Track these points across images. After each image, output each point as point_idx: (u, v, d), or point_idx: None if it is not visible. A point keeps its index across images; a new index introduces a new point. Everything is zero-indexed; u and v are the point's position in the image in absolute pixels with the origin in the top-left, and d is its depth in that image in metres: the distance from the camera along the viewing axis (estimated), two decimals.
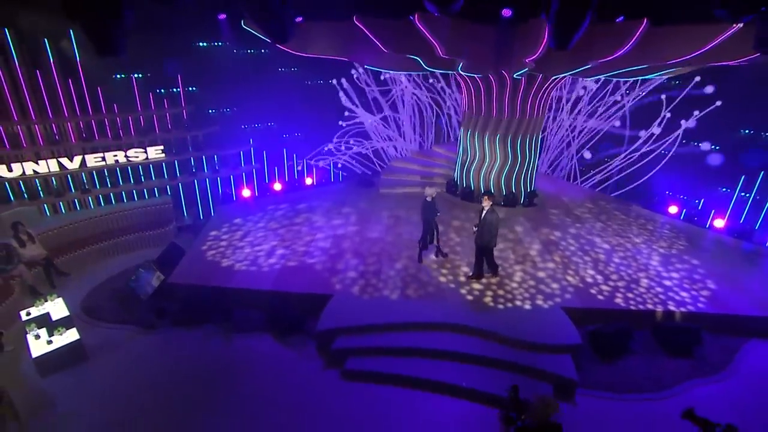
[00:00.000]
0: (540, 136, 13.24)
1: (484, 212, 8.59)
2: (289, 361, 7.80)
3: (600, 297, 8.88)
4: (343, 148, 17.25)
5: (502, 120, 12.49)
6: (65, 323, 7.90)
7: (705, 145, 14.63)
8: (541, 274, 9.63)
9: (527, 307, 8.50)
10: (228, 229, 11.62)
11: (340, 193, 14.27)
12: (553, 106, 16.91)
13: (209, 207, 13.60)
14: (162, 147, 13.18)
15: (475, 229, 8.75)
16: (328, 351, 7.77)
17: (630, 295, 9.02)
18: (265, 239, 10.80)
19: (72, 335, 7.84)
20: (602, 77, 11.70)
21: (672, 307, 8.72)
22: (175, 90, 13.66)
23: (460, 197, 13.56)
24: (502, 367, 7.41)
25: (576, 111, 16.85)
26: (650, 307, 8.68)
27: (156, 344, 8.39)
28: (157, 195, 13.44)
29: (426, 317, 8.08)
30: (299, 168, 14.95)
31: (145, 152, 13.05)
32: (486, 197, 8.58)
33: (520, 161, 12.99)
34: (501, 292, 8.88)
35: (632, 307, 8.63)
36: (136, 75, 12.81)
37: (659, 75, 11.28)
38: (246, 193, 13.77)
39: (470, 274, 9.19)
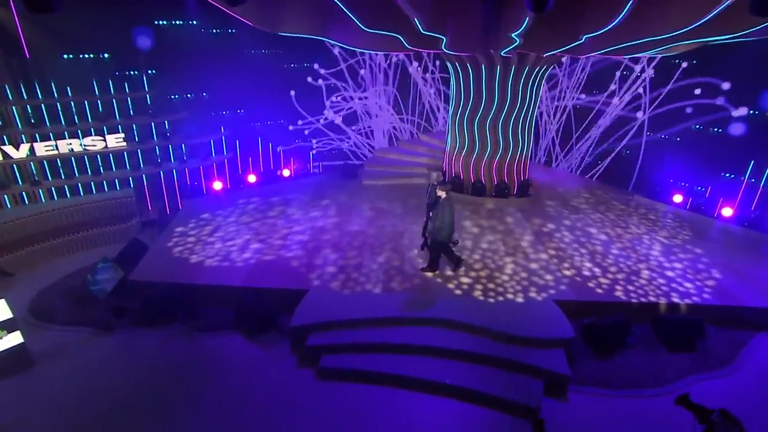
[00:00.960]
0: (533, 122, 13.34)
1: (440, 203, 8.51)
2: (260, 360, 7.75)
3: (599, 290, 8.96)
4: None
5: (493, 105, 12.60)
6: (7, 326, 7.73)
7: (741, 111, 14.08)
8: (534, 266, 9.74)
9: (520, 300, 8.58)
10: (196, 224, 11.61)
11: (320, 185, 14.40)
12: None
13: (177, 200, 13.49)
14: (123, 135, 13.05)
15: (426, 219, 8.68)
16: (302, 348, 7.76)
17: (630, 287, 9.10)
18: (238, 233, 10.88)
19: (14, 339, 7.68)
20: (596, 54, 11.78)
21: (676, 299, 8.81)
22: (136, 73, 13.51)
23: (450, 188, 13.24)
24: (490, 362, 7.43)
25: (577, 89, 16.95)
26: (652, 299, 8.76)
27: (114, 346, 8.28)
28: (118, 187, 13.33)
29: (409, 312, 8.12)
30: (281, 149, 14.87)
31: (104, 140, 12.91)
32: (440, 186, 8.54)
33: (512, 149, 13.10)
34: (491, 285, 8.96)
35: (633, 300, 8.72)
36: (90, 55, 12.67)
37: (656, 52, 11.41)
38: (217, 185, 13.73)
39: (423, 266, 9.20)
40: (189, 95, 15.42)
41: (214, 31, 15.20)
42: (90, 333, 8.62)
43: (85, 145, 12.61)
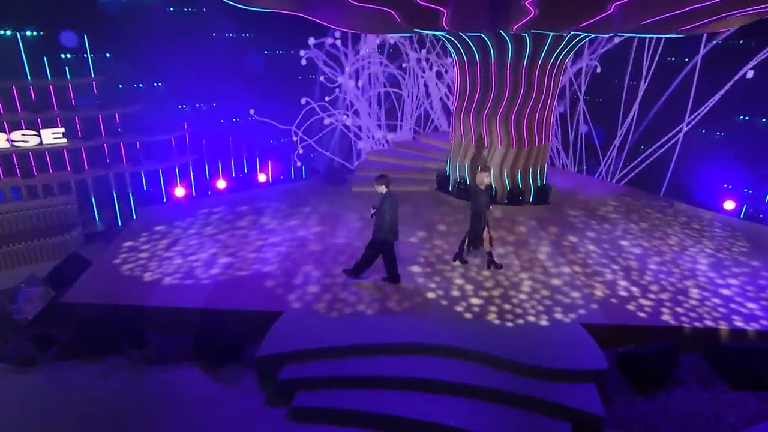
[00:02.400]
0: (551, 117, 13.12)
1: (380, 200, 8.74)
2: (221, 398, 7.28)
3: (641, 314, 8.61)
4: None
5: (504, 97, 12.36)
6: None
7: None
8: (556, 282, 9.47)
9: (543, 322, 8.24)
10: (149, 237, 11.32)
11: (303, 191, 14.26)
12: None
13: (130, 209, 13.18)
14: (62, 130, 12.58)
15: (372, 211, 8.87)
16: (272, 383, 7.34)
17: (680, 309, 8.77)
18: (201, 247, 10.68)
19: None
20: (628, 35, 11.48)
21: (739, 323, 8.43)
22: (79, 56, 13.16)
23: (454, 194, 13.48)
24: (505, 400, 6.98)
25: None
26: (709, 323, 8.39)
27: (36, 385, 7.66)
28: (56, 193, 12.85)
29: (407, 337, 7.74)
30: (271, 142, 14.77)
31: (39, 135, 12.39)
32: (378, 181, 8.77)
33: (527, 149, 12.81)
34: (507, 306, 8.65)
35: (686, 324, 8.36)
36: (26, 33, 12.25)
37: (697, 28, 11.05)
38: (179, 191, 13.44)
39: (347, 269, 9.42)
40: (147, 84, 14.99)
41: (180, 9, 14.89)
42: (4, 369, 7.97)
43: (13, 141, 12.05)
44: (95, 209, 13.06)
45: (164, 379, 7.67)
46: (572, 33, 11.19)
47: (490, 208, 9.88)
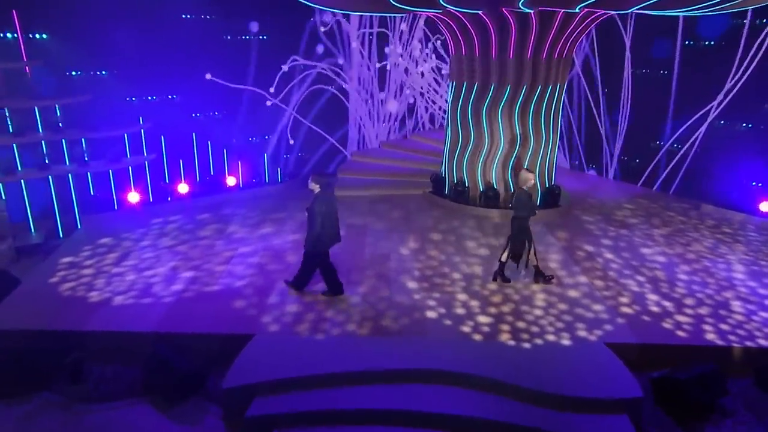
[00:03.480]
0: (560, 109, 12.90)
1: (312, 201, 8.55)
2: None
3: (679, 332, 8.22)
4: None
5: (506, 84, 12.11)
6: None
7: None
8: (573, 294, 9.25)
9: (566, 342, 7.91)
10: (92, 252, 10.83)
11: (278, 196, 14.15)
12: None
13: (75, 218, 12.54)
14: None
15: (306, 214, 8.66)
16: (239, 421, 6.88)
17: (724, 326, 8.39)
18: (158, 260, 10.37)
19: None
20: (645, 11, 11.17)
21: None
22: (10, 35, 12.44)
23: (451, 198, 13.32)
24: None
25: None
26: (763, 342, 7.99)
27: None
28: None
29: (405, 363, 7.35)
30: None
31: None
32: (312, 178, 8.58)
33: (533, 144, 12.60)
34: (521, 324, 8.29)
35: (735, 344, 7.97)
36: None
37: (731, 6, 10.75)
38: (133, 197, 12.96)
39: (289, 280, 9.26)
40: (96, 72, 14.29)
41: None
42: None
43: None
44: (30, 218, 12.26)
45: (106, 420, 7.09)
46: (586, 8, 10.85)
47: (536, 212, 9.57)
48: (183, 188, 13.59)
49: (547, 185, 13.08)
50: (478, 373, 7.09)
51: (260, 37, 16.59)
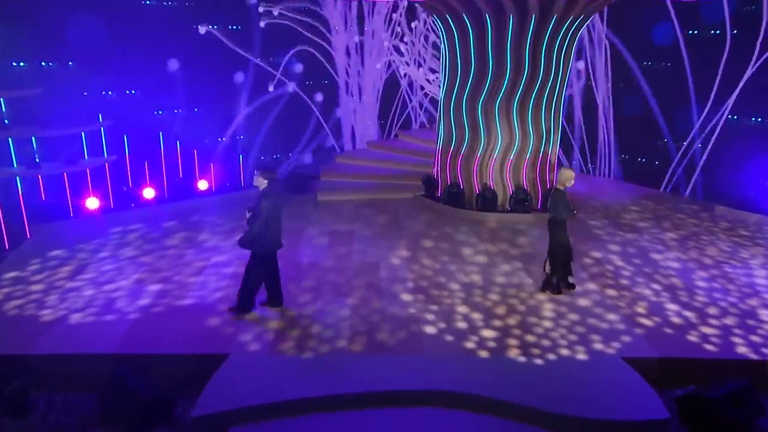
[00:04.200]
0: (561, 103, 12.80)
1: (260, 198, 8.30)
2: None
3: (707, 345, 7.95)
4: None
5: (503, 78, 12.02)
6: None
7: None
8: (584, 303, 9.05)
9: (582, 356, 7.65)
10: (41, 265, 10.40)
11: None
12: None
13: (22, 227, 12.09)
14: None
15: (248, 214, 8.40)
16: None
17: (755, 338, 8.11)
18: (120, 273, 10.03)
19: None
20: None
21: None
22: None
23: (444, 201, 13.22)
24: None
25: None
26: None
27: None
28: None
29: (400, 383, 7.10)
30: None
31: None
32: (258, 173, 8.31)
33: (533, 142, 12.53)
34: (531, 338, 8.02)
35: None
36: None
37: None
38: (92, 203, 12.59)
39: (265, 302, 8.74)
40: (47, 63, 13.75)
41: None
42: None
43: None
44: None
45: None
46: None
47: (575, 213, 9.26)
48: (149, 193, 13.33)
49: (548, 186, 12.88)
50: (484, 393, 6.85)
51: (231, 27, 16.22)
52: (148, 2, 14.56)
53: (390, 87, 18.24)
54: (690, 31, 15.22)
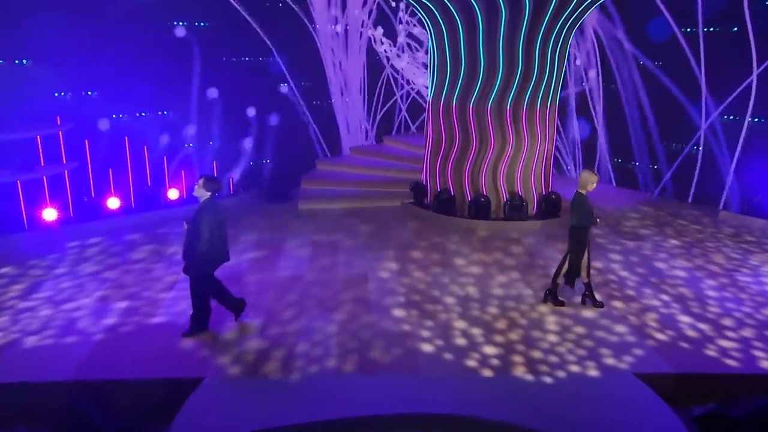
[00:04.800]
0: (557, 102, 12.70)
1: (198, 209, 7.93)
2: None
3: (728, 360, 7.73)
4: None
5: (495, 78, 11.88)
6: None
7: None
8: (589, 314, 8.88)
9: (593, 372, 7.39)
10: None
11: (232, 212, 13.89)
12: None
13: None
14: None
15: (185, 226, 8.05)
16: None
17: None
18: (81, 290, 9.70)
19: None
20: None
21: None
22: None
23: (434, 209, 13.03)
24: None
25: None
26: None
27: None
28: None
29: (398, 405, 6.85)
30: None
31: None
32: (200, 182, 7.81)
33: (528, 146, 12.37)
34: (536, 354, 7.77)
35: None
36: None
37: None
38: (50, 214, 12.11)
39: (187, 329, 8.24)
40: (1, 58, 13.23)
41: None
42: None
43: None
44: None
45: None
46: None
47: (598, 221, 8.91)
48: (113, 203, 12.88)
49: (544, 192, 12.81)
50: (489, 415, 6.56)
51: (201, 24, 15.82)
52: None
53: (374, 84, 18.07)
54: (687, 29, 15.12)
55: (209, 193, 7.71)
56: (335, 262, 10.68)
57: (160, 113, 15.41)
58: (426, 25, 12.55)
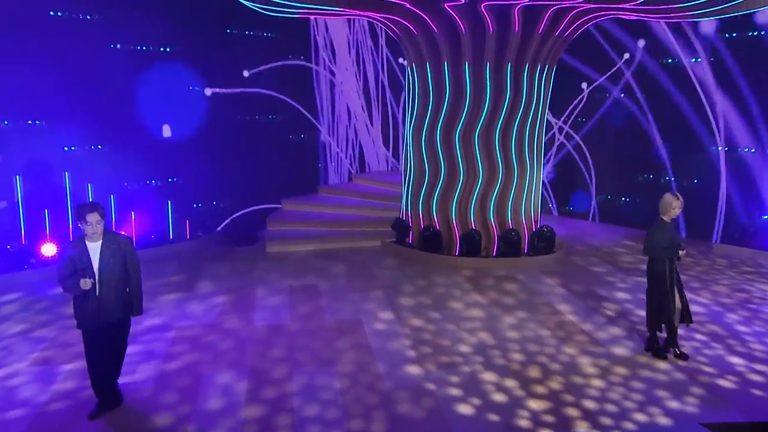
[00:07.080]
0: (543, 131, 12.02)
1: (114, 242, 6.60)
2: None
3: None
4: None
5: (482, 104, 11.19)
6: None
7: None
8: (621, 351, 8.01)
9: (663, 420, 6.31)
10: None
11: (188, 256, 12.79)
12: None
13: None
14: None
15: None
16: None
17: None
18: (10, 354, 8.20)
19: None
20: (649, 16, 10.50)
21: None
22: None
23: (419, 247, 12.02)
24: None
25: None
26: None
27: None
28: None
29: None
30: None
31: None
32: (90, 210, 6.19)
33: (517, 177, 11.61)
34: (589, 404, 6.61)
35: None
36: None
37: None
38: None
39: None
40: None
41: None
42: None
43: None
44: None
45: None
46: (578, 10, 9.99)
47: (683, 251, 7.53)
48: (49, 249, 11.49)
49: (535, 228, 11.96)
50: None
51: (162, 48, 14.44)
52: (54, 13, 12.45)
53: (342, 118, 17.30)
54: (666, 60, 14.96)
55: (102, 227, 6.14)
56: (319, 306, 9.58)
57: (93, 147, 13.85)
58: (405, 51, 11.80)
